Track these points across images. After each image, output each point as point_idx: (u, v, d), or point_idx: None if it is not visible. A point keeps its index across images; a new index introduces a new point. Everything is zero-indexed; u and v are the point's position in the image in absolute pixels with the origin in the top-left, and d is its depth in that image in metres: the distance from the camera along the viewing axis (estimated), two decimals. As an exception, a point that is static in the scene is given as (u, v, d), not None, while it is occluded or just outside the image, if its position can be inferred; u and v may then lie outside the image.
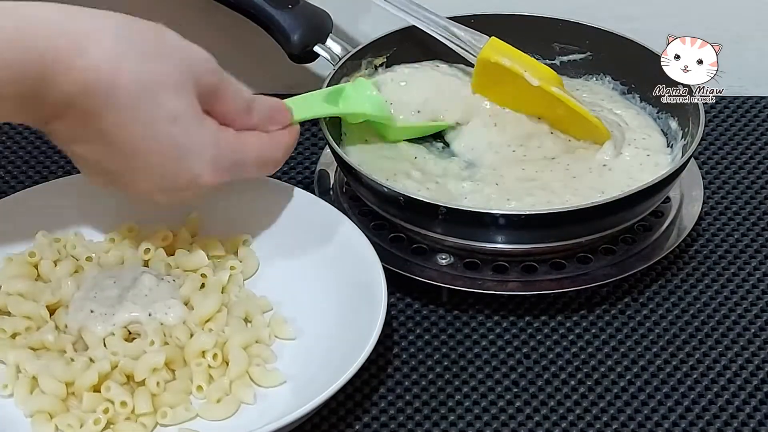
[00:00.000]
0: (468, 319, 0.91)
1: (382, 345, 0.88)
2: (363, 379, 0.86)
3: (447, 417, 0.84)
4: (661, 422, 0.84)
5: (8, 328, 0.86)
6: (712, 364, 0.88)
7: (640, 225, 0.95)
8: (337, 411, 0.85)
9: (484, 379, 0.87)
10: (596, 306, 0.92)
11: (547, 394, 0.86)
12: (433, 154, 0.98)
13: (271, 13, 1.00)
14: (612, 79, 1.04)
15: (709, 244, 0.98)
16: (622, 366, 0.88)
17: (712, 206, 1.01)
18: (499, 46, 0.97)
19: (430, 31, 0.99)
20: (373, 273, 0.86)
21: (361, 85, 0.95)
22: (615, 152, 0.95)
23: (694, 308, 0.92)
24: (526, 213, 0.90)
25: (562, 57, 1.05)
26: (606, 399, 0.85)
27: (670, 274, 0.95)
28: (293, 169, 1.04)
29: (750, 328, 0.91)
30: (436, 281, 0.91)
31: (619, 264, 0.92)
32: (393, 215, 0.92)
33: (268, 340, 0.87)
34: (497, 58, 0.96)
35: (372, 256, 0.88)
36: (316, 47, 1.01)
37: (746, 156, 1.06)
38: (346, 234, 0.90)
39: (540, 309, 0.92)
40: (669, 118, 0.99)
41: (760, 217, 1.00)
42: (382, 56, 1.02)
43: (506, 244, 0.90)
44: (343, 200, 0.98)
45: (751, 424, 0.84)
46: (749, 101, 1.12)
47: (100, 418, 0.80)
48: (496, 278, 0.91)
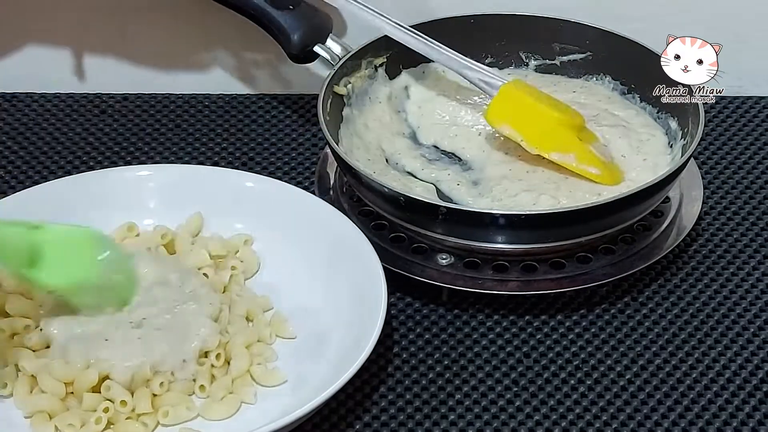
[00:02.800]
0: (468, 319, 0.91)
1: (382, 345, 0.89)
2: (363, 379, 0.86)
3: (447, 416, 0.84)
4: (660, 421, 0.84)
5: (7, 327, 0.86)
6: (711, 363, 0.88)
7: (639, 225, 0.95)
8: (338, 410, 0.85)
9: (484, 379, 0.87)
10: (596, 305, 0.92)
11: (547, 393, 0.86)
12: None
13: (271, 13, 1.00)
14: (612, 79, 1.04)
15: (709, 244, 0.98)
16: (621, 365, 0.88)
17: (711, 206, 1.01)
18: (503, 103, 0.96)
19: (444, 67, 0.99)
20: (374, 273, 0.86)
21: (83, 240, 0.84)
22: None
23: (693, 307, 0.92)
24: (526, 213, 0.90)
25: (562, 57, 1.05)
26: (605, 398, 0.86)
27: (670, 273, 0.95)
28: (293, 169, 1.05)
29: (749, 328, 0.91)
30: (436, 281, 0.91)
31: (618, 264, 0.92)
32: (393, 215, 0.92)
33: (269, 339, 0.87)
34: (498, 124, 0.96)
35: (372, 256, 0.88)
36: (316, 47, 1.01)
37: (746, 156, 1.06)
38: (346, 234, 0.90)
39: (540, 308, 0.92)
40: (669, 118, 0.99)
41: (759, 217, 1.00)
42: (382, 56, 1.02)
43: (506, 243, 0.90)
44: (343, 200, 0.98)
45: (751, 424, 0.84)
46: (749, 101, 1.12)
47: (101, 417, 0.80)
48: (496, 278, 0.91)
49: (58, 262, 0.82)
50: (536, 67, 1.06)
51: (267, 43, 1.02)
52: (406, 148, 1.01)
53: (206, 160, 1.05)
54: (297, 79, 1.11)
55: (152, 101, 1.12)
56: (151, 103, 1.12)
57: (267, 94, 1.13)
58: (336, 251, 0.90)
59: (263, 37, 1.02)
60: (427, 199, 0.91)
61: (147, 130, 1.09)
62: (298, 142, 1.08)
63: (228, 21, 1.06)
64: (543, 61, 1.05)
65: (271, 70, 1.11)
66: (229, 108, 1.12)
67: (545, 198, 0.93)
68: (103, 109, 1.11)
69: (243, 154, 1.06)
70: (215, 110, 1.11)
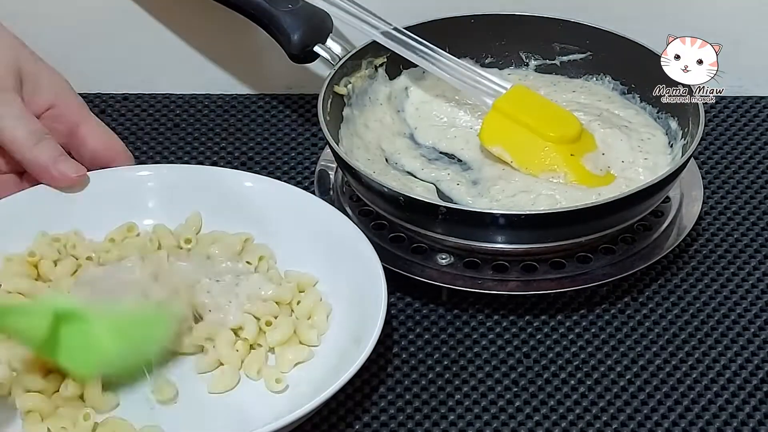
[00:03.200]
0: (468, 319, 0.91)
1: (382, 345, 0.89)
2: (363, 379, 0.86)
3: (447, 417, 0.84)
4: (660, 421, 0.84)
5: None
6: (712, 363, 0.88)
7: (639, 225, 0.95)
8: (337, 411, 0.85)
9: (484, 379, 0.87)
10: (596, 305, 0.92)
11: (547, 393, 0.86)
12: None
13: (271, 13, 1.00)
14: (612, 79, 1.04)
15: (709, 244, 0.98)
16: (621, 365, 0.88)
17: (711, 206, 1.01)
18: (495, 123, 0.96)
19: (442, 76, 0.99)
20: (373, 273, 0.86)
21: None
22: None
23: (694, 307, 0.92)
24: (526, 213, 0.90)
25: (562, 57, 1.05)
26: (606, 398, 0.85)
27: (670, 273, 0.95)
28: (293, 169, 1.05)
29: (749, 328, 0.91)
30: (436, 281, 0.91)
31: (618, 263, 0.92)
32: (393, 215, 0.92)
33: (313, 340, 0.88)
34: (490, 145, 0.96)
35: (372, 256, 0.88)
36: (316, 47, 1.01)
37: (746, 156, 1.06)
38: (346, 234, 0.90)
39: (540, 308, 0.92)
40: (669, 118, 0.99)
41: (759, 217, 1.00)
42: (382, 56, 1.02)
43: (506, 243, 0.90)
44: (343, 200, 0.98)
45: (751, 424, 0.84)
46: (749, 101, 1.12)
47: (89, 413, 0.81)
48: (496, 278, 0.91)
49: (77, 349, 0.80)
50: (536, 67, 1.06)
51: (267, 43, 1.02)
52: (406, 147, 1.01)
53: (206, 160, 1.05)
54: (297, 79, 1.11)
55: (152, 101, 1.12)
56: (150, 103, 1.12)
57: (267, 94, 1.13)
58: (336, 251, 0.90)
59: (263, 37, 1.02)
60: (426, 199, 0.91)
61: (146, 129, 1.09)
62: (298, 141, 1.08)
63: (228, 21, 1.06)
64: (543, 61, 1.05)
65: (271, 70, 1.11)
66: (229, 108, 1.12)
67: (544, 198, 0.93)
68: (103, 109, 1.11)
69: (243, 154, 1.06)
70: (215, 110, 1.11)
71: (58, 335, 0.79)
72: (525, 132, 0.96)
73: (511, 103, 0.97)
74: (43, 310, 0.79)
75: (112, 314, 0.82)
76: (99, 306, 0.82)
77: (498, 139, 0.96)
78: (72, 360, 0.80)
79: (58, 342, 0.79)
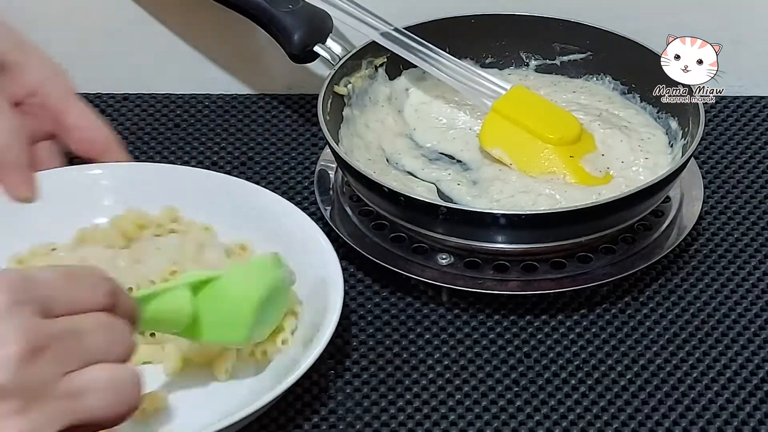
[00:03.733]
0: (468, 319, 0.91)
1: (381, 345, 0.89)
2: (363, 379, 0.86)
3: (447, 417, 0.84)
4: (661, 421, 0.84)
5: None
6: (712, 363, 0.88)
7: (640, 224, 0.95)
8: (337, 411, 0.85)
9: (484, 379, 0.87)
10: (596, 305, 0.92)
11: (548, 393, 0.86)
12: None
13: (271, 13, 1.00)
14: (612, 79, 1.04)
15: (709, 244, 0.98)
16: (622, 365, 0.88)
17: (712, 206, 1.01)
18: (494, 125, 0.97)
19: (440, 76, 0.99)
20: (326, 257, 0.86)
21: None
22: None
23: (694, 307, 0.92)
24: (527, 213, 0.90)
25: (562, 57, 1.05)
26: (606, 398, 0.85)
27: (670, 273, 0.95)
28: (293, 169, 1.04)
29: (750, 327, 0.91)
30: (436, 281, 0.91)
31: (619, 263, 0.92)
32: (393, 215, 0.92)
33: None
34: (489, 147, 0.96)
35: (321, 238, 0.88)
36: (316, 47, 1.01)
37: (746, 156, 1.06)
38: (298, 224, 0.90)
39: (540, 308, 0.92)
40: (669, 118, 0.99)
41: (759, 217, 1.00)
42: (382, 56, 1.02)
43: (506, 243, 0.90)
44: (343, 200, 0.98)
45: (751, 423, 0.84)
46: (749, 101, 1.12)
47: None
48: (496, 278, 0.91)
49: (220, 322, 0.79)
50: (536, 67, 1.06)
51: (267, 43, 1.02)
52: (407, 147, 1.01)
53: (206, 159, 1.05)
54: (297, 79, 1.11)
55: (152, 101, 1.12)
56: (150, 103, 1.12)
57: (267, 94, 1.13)
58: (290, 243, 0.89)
59: (263, 37, 1.02)
60: (427, 199, 0.91)
61: (146, 129, 1.09)
62: (298, 142, 1.07)
63: (228, 21, 1.06)
64: (543, 61, 1.05)
65: (271, 70, 1.11)
66: (229, 108, 1.12)
67: (544, 198, 0.93)
68: (103, 109, 1.11)
69: (243, 154, 1.06)
70: (215, 110, 1.11)
71: (198, 313, 0.78)
72: (524, 134, 0.96)
73: (510, 104, 0.97)
74: (179, 287, 0.77)
75: (241, 272, 0.82)
76: (224, 270, 0.81)
77: (497, 142, 0.96)
78: (219, 334, 0.79)
79: (199, 320, 0.78)
